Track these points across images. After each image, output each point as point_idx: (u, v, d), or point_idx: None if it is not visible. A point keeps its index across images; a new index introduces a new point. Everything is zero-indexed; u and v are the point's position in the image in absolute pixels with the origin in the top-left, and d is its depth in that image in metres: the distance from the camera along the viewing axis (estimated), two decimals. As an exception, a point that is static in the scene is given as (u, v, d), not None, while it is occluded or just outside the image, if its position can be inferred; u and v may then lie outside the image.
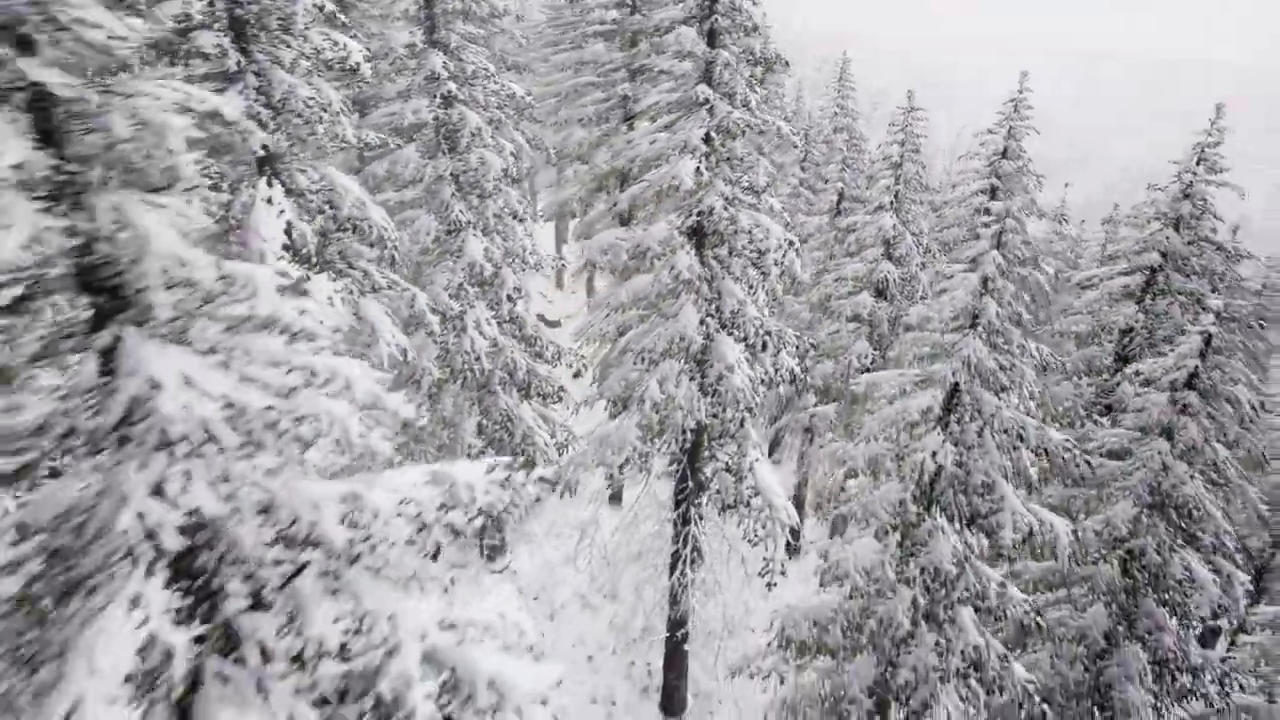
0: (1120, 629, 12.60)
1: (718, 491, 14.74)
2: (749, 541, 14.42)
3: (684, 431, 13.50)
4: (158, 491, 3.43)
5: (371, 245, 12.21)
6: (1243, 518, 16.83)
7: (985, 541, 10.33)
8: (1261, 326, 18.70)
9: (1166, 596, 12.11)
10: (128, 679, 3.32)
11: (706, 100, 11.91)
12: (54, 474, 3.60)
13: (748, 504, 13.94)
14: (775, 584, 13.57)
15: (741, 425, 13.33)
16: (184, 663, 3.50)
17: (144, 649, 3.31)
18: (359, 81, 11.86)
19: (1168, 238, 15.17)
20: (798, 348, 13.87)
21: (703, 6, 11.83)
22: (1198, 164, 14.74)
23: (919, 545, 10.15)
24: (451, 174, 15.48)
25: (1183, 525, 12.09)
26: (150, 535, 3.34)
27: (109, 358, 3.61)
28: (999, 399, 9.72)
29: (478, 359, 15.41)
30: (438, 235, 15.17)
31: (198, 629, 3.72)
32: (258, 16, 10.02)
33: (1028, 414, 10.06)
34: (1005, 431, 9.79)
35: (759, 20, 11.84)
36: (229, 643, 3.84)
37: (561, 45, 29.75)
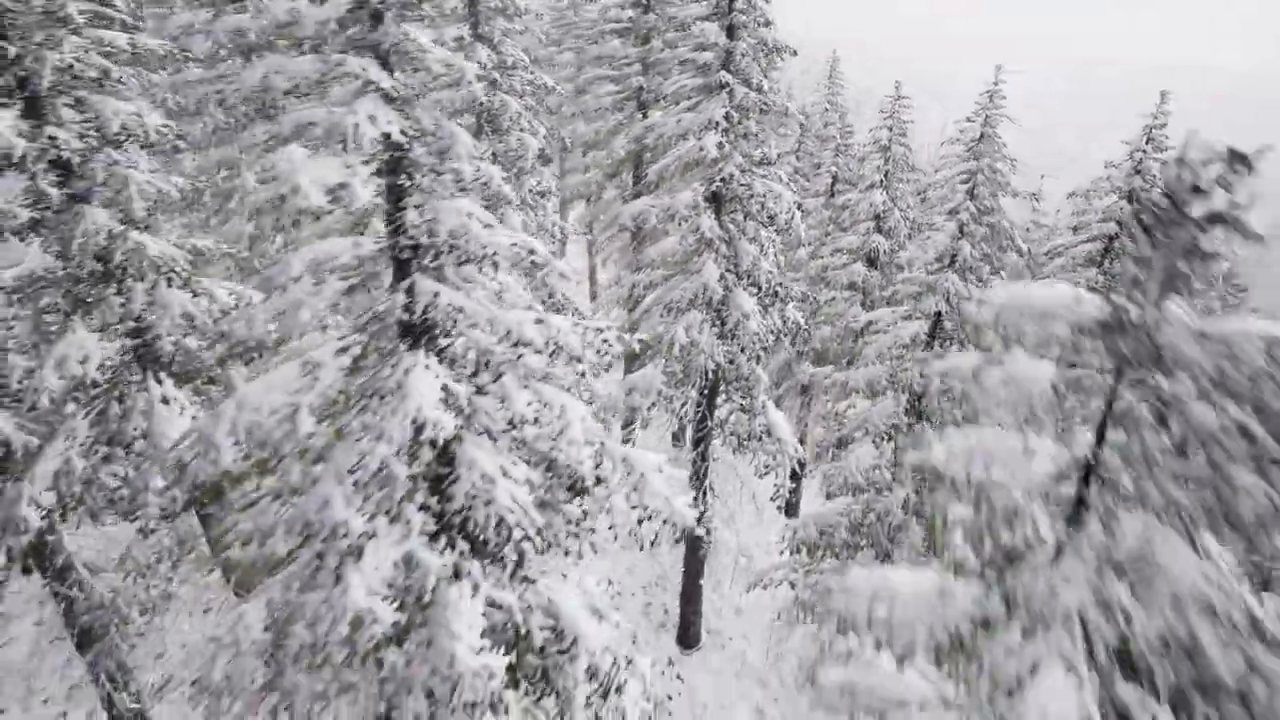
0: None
1: (733, 433, 16.87)
2: (758, 475, 16.60)
3: (705, 374, 15.63)
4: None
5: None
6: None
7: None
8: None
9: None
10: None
11: (726, 84, 14.09)
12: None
13: (760, 439, 16.11)
14: (783, 508, 15.73)
15: (755, 364, 15.50)
16: (451, 422, 5.56)
17: (442, 397, 5.37)
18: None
19: (1121, 208, 17.53)
20: (801, 304, 16.07)
21: (723, 4, 14.01)
22: (1146, 143, 17.12)
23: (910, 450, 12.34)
24: (493, 154, 17.54)
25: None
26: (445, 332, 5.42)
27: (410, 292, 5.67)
28: (974, 328, 11.89)
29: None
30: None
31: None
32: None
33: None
34: (980, 355, 11.95)
35: (770, 16, 14.05)
36: (472, 414, 5.91)
37: (565, 44, 32.00)
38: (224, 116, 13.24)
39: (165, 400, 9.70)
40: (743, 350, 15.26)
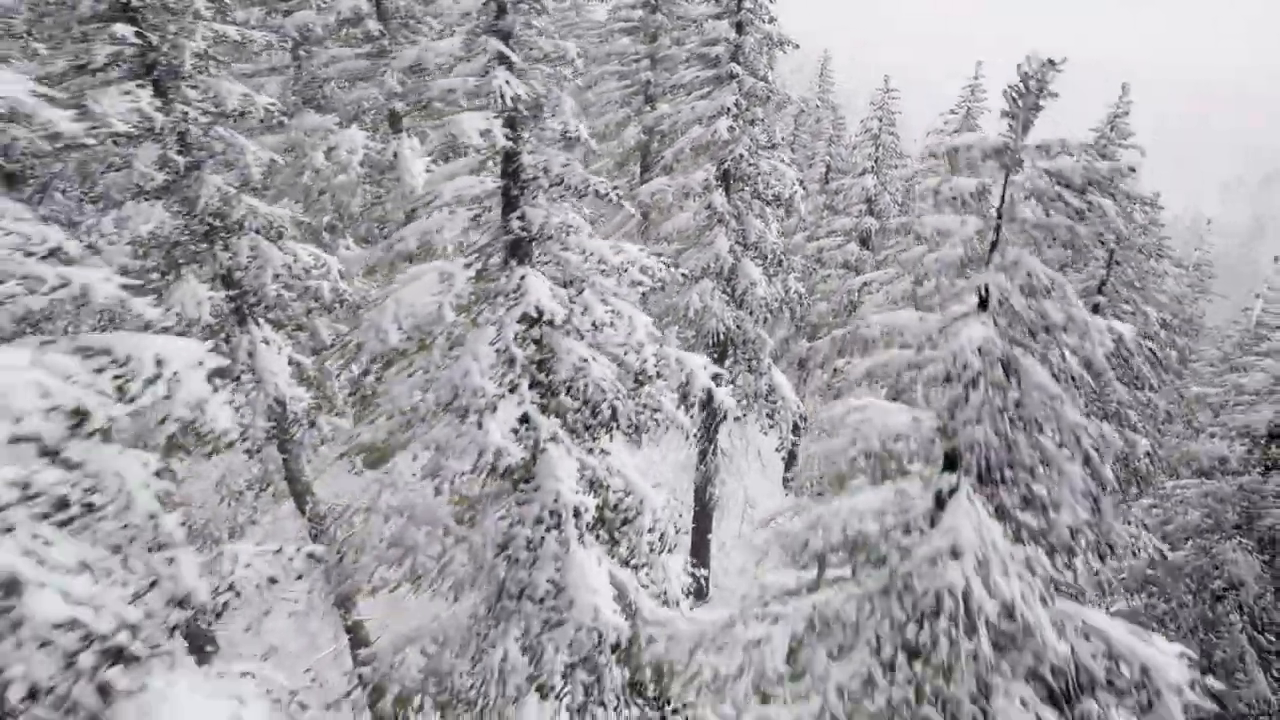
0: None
1: (743, 395, 18.65)
2: (763, 432, 18.42)
3: (716, 336, 17.40)
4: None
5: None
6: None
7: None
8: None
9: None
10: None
11: (736, 74, 15.94)
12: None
13: (765, 397, 17.93)
14: (785, 459, 17.49)
15: (761, 328, 17.33)
16: (562, 311, 7.25)
17: (550, 294, 7.11)
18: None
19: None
20: (801, 277, 17.90)
21: (732, 3, 15.84)
22: (1110, 129, 19.10)
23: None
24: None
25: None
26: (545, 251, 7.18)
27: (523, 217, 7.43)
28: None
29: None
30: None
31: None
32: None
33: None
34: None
35: (774, 13, 15.91)
36: (569, 314, 7.64)
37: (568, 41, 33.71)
38: (289, 101, 14.94)
39: (265, 342, 11.38)
40: (750, 314, 17.07)
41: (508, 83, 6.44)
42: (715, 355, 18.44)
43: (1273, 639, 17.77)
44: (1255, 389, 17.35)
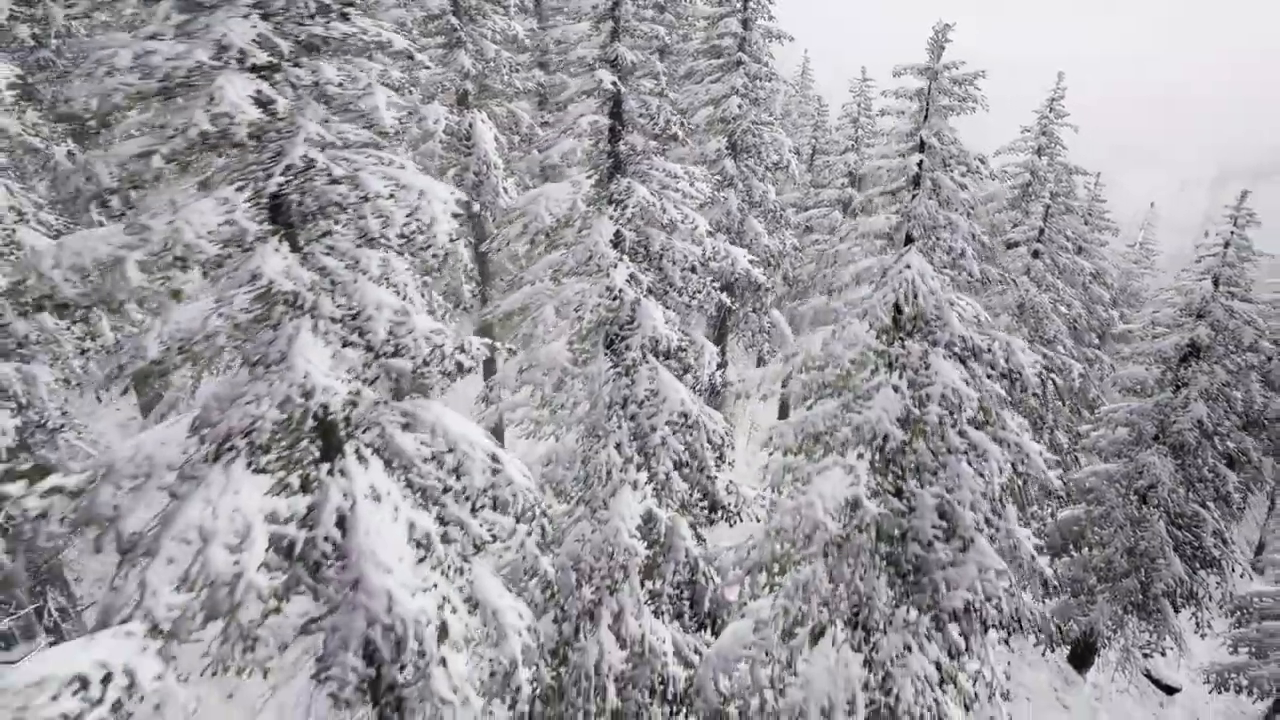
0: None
1: (748, 331, 22.30)
2: (761, 362, 22.07)
3: (728, 279, 21.02)
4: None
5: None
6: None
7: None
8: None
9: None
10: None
11: (742, 62, 19.64)
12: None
13: (767, 333, 21.64)
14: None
15: (763, 273, 21.01)
16: (633, 293, 10.86)
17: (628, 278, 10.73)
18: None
19: (1033, 163, 23.54)
20: (794, 229, 21.63)
21: (739, 3, 19.54)
22: (1050, 111, 23.13)
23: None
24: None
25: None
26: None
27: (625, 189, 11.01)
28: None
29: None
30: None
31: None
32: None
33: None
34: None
35: (773, 11, 19.67)
36: (650, 287, 11.24)
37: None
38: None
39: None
40: (754, 260, 20.76)
41: (613, 83, 10.01)
42: (720, 314, 22.10)
43: (1184, 529, 21.89)
44: (1166, 321, 21.29)
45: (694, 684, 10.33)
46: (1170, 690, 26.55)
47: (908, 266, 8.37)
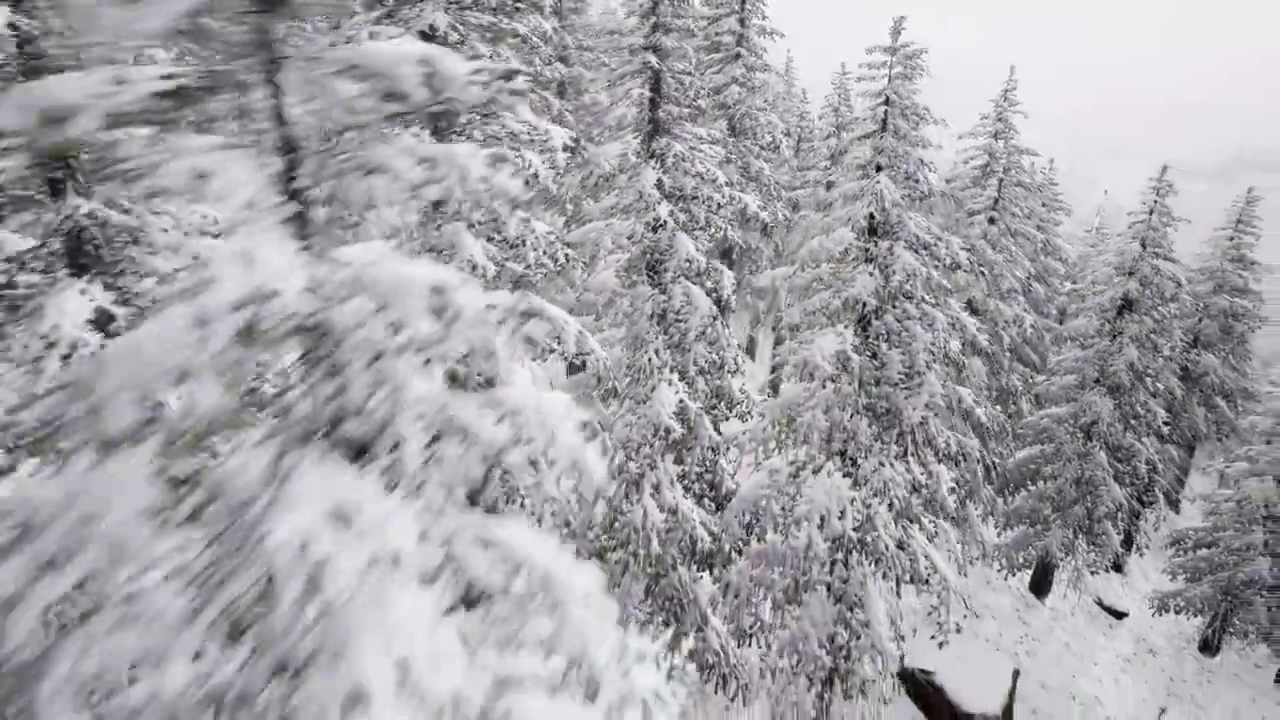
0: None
1: (744, 292, 25.67)
2: (752, 325, 25.44)
3: (726, 244, 24.38)
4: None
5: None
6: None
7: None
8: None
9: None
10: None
11: (740, 55, 23.06)
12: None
13: (760, 293, 25.03)
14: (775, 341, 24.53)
15: (759, 239, 24.41)
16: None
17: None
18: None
19: (990, 146, 27.19)
20: (787, 202, 25.06)
21: (737, 4, 22.97)
22: (1005, 100, 26.79)
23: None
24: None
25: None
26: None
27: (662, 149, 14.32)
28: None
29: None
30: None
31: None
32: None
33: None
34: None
35: (766, 11, 23.12)
36: (685, 220, 14.58)
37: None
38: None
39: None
40: (749, 225, 24.18)
41: (653, 65, 13.31)
42: (725, 261, 25.45)
43: (1123, 461, 25.57)
44: (1104, 280, 24.98)
45: (721, 525, 13.57)
46: (1119, 615, 30.24)
47: (878, 183, 11.73)
